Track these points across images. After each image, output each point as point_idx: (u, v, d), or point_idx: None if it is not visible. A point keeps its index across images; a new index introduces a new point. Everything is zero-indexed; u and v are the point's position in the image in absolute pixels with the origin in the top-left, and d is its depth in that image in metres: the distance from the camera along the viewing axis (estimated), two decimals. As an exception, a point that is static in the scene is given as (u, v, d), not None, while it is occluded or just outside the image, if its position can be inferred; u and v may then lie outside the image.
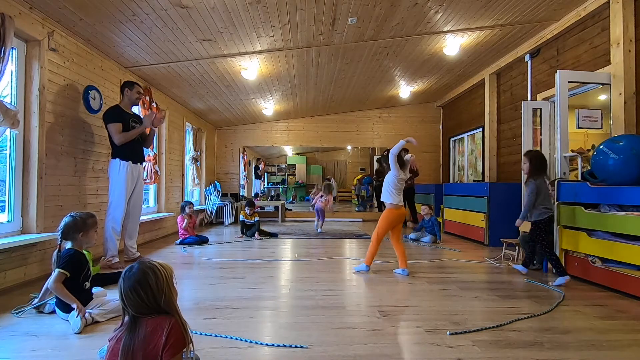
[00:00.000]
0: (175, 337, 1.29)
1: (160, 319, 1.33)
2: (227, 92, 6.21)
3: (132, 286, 1.32)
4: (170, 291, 1.37)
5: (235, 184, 9.02)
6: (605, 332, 2.10)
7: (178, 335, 1.30)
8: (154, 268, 1.37)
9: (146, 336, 1.29)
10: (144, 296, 1.32)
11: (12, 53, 3.00)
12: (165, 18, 3.55)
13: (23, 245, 2.97)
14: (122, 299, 1.33)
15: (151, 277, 1.35)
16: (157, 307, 1.33)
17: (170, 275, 1.40)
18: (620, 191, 2.91)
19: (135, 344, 1.28)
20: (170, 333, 1.29)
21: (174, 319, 1.33)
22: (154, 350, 1.27)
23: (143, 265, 1.37)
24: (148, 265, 1.37)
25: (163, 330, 1.29)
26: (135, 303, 1.32)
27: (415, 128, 8.97)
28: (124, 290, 1.33)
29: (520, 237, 3.98)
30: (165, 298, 1.35)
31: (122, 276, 1.35)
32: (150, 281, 1.34)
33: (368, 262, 3.53)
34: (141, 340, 1.28)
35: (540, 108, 4.84)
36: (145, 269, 1.36)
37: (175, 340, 1.29)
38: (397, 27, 4.38)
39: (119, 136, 3.59)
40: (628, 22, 3.54)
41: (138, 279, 1.33)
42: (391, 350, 1.85)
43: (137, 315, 1.32)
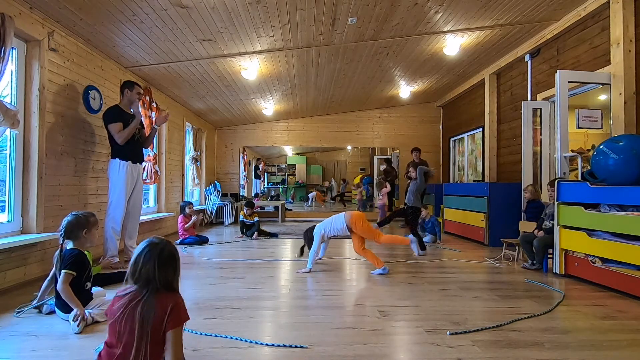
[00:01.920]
0: (179, 312, 1.39)
1: (170, 294, 1.42)
2: (227, 92, 6.21)
3: (166, 261, 1.42)
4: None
5: (235, 184, 9.02)
6: (605, 332, 2.10)
7: (183, 311, 1.41)
8: (174, 247, 1.50)
9: (159, 309, 1.36)
10: (171, 272, 1.43)
11: (12, 53, 3.00)
12: (165, 18, 3.55)
13: (23, 245, 2.97)
14: (152, 271, 1.39)
15: (178, 255, 1.49)
16: (172, 284, 1.44)
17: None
18: (620, 191, 2.91)
19: (152, 317, 1.35)
20: (175, 308, 1.38)
21: (179, 297, 1.44)
22: (161, 323, 1.36)
23: (169, 244, 1.47)
24: (172, 244, 1.49)
25: (169, 305, 1.38)
26: (164, 277, 1.40)
27: (415, 128, 8.97)
28: (159, 263, 1.40)
29: (520, 237, 3.98)
30: (179, 276, 1.49)
31: (153, 249, 1.42)
32: (178, 259, 1.48)
33: (380, 264, 3.51)
34: (157, 313, 1.36)
35: (540, 108, 4.84)
36: (173, 247, 1.48)
37: (178, 315, 1.39)
38: (397, 27, 4.38)
39: (119, 135, 3.58)
40: (628, 22, 3.54)
41: (172, 255, 1.45)
42: (391, 350, 1.85)
43: (158, 288, 1.40)
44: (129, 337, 1.34)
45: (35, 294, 2.55)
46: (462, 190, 6.04)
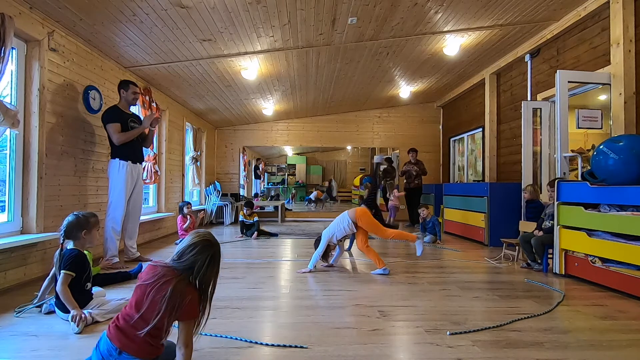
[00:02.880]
0: (193, 307, 1.45)
1: (194, 289, 1.48)
2: (227, 92, 6.21)
3: (214, 263, 1.50)
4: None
5: (235, 184, 9.02)
6: (605, 332, 2.10)
7: (195, 307, 1.47)
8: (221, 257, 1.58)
9: (180, 297, 1.43)
10: (213, 274, 1.51)
11: (12, 53, 3.00)
12: (165, 18, 3.55)
13: (23, 245, 2.97)
14: (200, 263, 1.46)
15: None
16: (206, 285, 1.51)
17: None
18: (620, 191, 2.91)
19: (175, 300, 1.41)
20: (191, 302, 1.44)
21: (197, 293, 1.48)
22: (174, 309, 1.42)
23: (219, 249, 1.55)
24: (220, 249, 1.56)
25: (189, 297, 1.44)
26: (203, 274, 1.47)
27: (415, 128, 8.97)
28: (209, 261, 1.48)
29: (520, 237, 3.98)
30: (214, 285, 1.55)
31: (211, 246, 1.50)
32: (218, 269, 1.55)
33: (381, 264, 3.51)
34: (179, 299, 1.42)
35: (540, 108, 4.84)
36: (220, 257, 1.56)
37: (191, 309, 1.45)
38: (397, 27, 4.38)
39: (118, 136, 3.58)
40: (628, 22, 3.54)
41: (218, 262, 1.53)
42: (391, 350, 1.86)
43: (191, 280, 1.47)
44: (148, 308, 1.41)
45: (35, 293, 2.55)
46: (462, 190, 6.04)
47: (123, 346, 1.42)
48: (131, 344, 1.42)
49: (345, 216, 3.62)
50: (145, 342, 1.43)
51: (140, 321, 1.42)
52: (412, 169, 7.44)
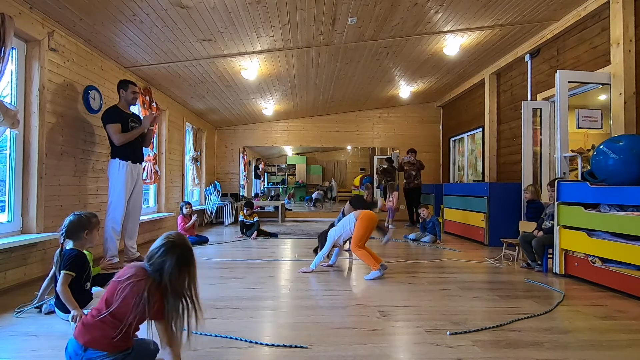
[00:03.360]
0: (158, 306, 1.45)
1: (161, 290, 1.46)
2: (227, 92, 6.21)
3: (187, 263, 1.50)
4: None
5: (235, 184, 9.02)
6: (605, 332, 2.10)
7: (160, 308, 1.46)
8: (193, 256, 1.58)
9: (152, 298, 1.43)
10: (182, 279, 1.48)
11: (12, 53, 3.00)
12: (165, 18, 3.55)
13: (23, 245, 2.97)
14: (169, 266, 1.45)
15: (195, 265, 1.57)
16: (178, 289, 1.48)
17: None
18: (620, 191, 2.91)
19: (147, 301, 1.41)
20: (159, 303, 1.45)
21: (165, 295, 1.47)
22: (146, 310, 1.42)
23: (190, 250, 1.56)
24: (192, 251, 1.57)
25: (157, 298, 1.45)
26: (171, 278, 1.45)
27: (415, 128, 8.97)
28: (177, 263, 1.46)
29: (520, 237, 3.98)
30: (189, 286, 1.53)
31: (172, 250, 1.48)
32: (194, 267, 1.55)
33: (375, 266, 3.36)
34: (151, 303, 1.42)
35: (540, 108, 4.84)
36: (192, 255, 1.56)
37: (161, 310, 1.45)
38: (397, 27, 4.38)
39: (118, 136, 3.58)
40: (628, 22, 3.54)
41: (188, 263, 1.52)
42: (391, 350, 1.86)
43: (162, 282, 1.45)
44: (119, 306, 1.41)
45: (35, 293, 2.55)
46: (462, 190, 6.04)
47: (87, 342, 1.42)
48: (96, 339, 1.42)
49: (352, 217, 3.55)
50: (110, 336, 1.42)
51: (109, 317, 1.42)
52: (411, 169, 7.45)
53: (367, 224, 3.47)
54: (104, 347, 1.42)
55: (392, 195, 7.45)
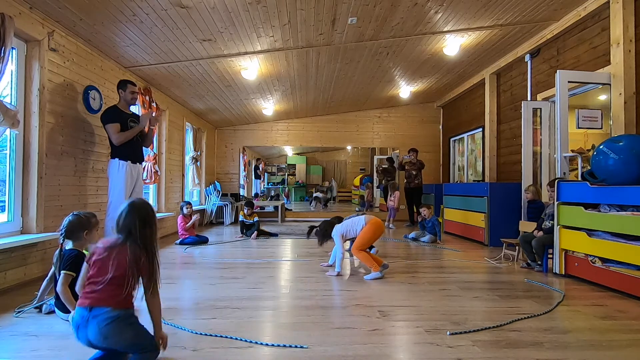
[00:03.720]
0: (148, 265, 1.63)
1: (141, 249, 1.62)
2: (227, 92, 6.21)
3: (144, 219, 1.65)
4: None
5: (235, 184, 9.02)
6: (605, 332, 2.10)
7: (152, 265, 1.64)
8: (152, 208, 1.75)
9: (135, 258, 1.59)
10: (150, 232, 1.65)
11: (12, 53, 3.00)
12: (165, 18, 3.55)
13: (23, 245, 2.97)
14: (133, 225, 1.61)
15: (156, 219, 1.73)
16: (150, 242, 1.66)
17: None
18: (620, 191, 2.91)
19: (135, 261, 1.58)
20: (145, 260, 1.62)
21: (145, 252, 1.63)
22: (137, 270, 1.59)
23: (148, 205, 1.74)
24: (150, 205, 1.75)
25: (142, 258, 1.61)
26: (142, 233, 1.62)
27: (415, 128, 8.97)
28: (140, 217, 1.63)
29: (520, 237, 3.98)
30: (156, 236, 1.71)
31: (132, 209, 1.64)
32: (155, 218, 1.72)
33: (376, 268, 3.35)
34: (139, 261, 1.60)
35: (540, 108, 4.84)
36: (151, 208, 1.73)
37: (146, 266, 1.62)
38: (397, 27, 4.38)
39: (117, 136, 3.58)
40: (628, 22, 3.54)
41: (150, 214, 1.68)
42: (391, 350, 1.86)
43: (137, 243, 1.61)
44: (117, 270, 1.55)
45: (35, 293, 2.55)
46: (462, 190, 6.04)
47: (92, 302, 1.53)
48: (100, 299, 1.53)
49: (362, 220, 3.48)
50: (115, 295, 1.54)
51: (111, 282, 1.54)
52: (412, 168, 7.45)
53: (375, 230, 3.45)
54: (108, 304, 1.53)
55: (393, 194, 7.45)
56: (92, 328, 1.50)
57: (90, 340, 1.52)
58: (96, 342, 1.52)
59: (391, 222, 7.42)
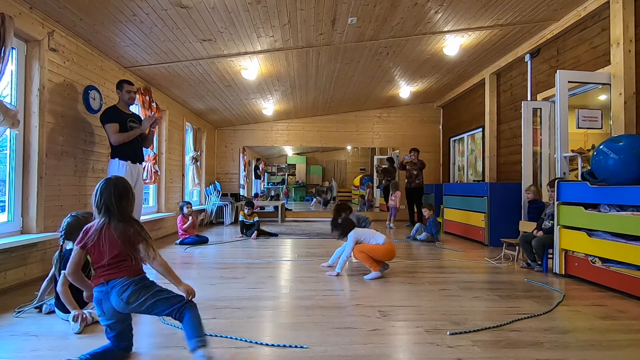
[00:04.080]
0: (139, 233, 1.73)
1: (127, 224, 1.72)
2: (227, 92, 6.21)
3: (122, 196, 1.73)
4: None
5: (235, 184, 9.02)
6: (605, 332, 2.10)
7: (143, 232, 1.74)
8: (126, 181, 1.84)
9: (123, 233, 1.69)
10: (126, 204, 1.74)
11: (12, 53, 3.00)
12: (165, 18, 3.55)
13: (23, 245, 2.97)
14: (110, 202, 1.69)
15: (131, 191, 1.82)
16: (127, 213, 1.76)
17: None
18: (620, 191, 2.91)
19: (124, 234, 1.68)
20: (134, 231, 1.72)
21: (135, 223, 1.75)
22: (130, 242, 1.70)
23: (122, 179, 1.81)
24: (124, 179, 1.83)
25: (130, 231, 1.71)
26: (120, 208, 1.71)
27: (415, 128, 8.97)
28: (114, 196, 1.70)
29: (520, 237, 3.98)
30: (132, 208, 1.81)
31: (107, 185, 1.72)
32: (132, 194, 1.81)
33: (376, 268, 3.35)
34: (122, 233, 1.69)
35: (540, 108, 4.84)
36: (125, 181, 1.81)
37: (138, 235, 1.72)
38: (397, 27, 4.38)
39: (116, 136, 3.57)
40: (628, 22, 3.54)
41: (125, 188, 1.76)
42: (391, 350, 1.86)
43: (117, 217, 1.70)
44: (113, 249, 1.66)
45: (35, 293, 2.55)
46: (462, 190, 6.04)
47: (107, 278, 1.65)
48: (112, 273, 1.66)
49: (380, 239, 3.40)
50: (123, 267, 1.67)
51: (114, 261, 1.67)
52: (413, 168, 7.44)
53: (387, 253, 3.39)
54: (122, 275, 1.66)
55: (394, 194, 7.45)
56: (113, 297, 1.63)
57: (115, 308, 1.64)
58: (120, 308, 1.64)
59: (392, 222, 7.42)
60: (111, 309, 1.66)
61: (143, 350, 1.83)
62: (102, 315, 1.68)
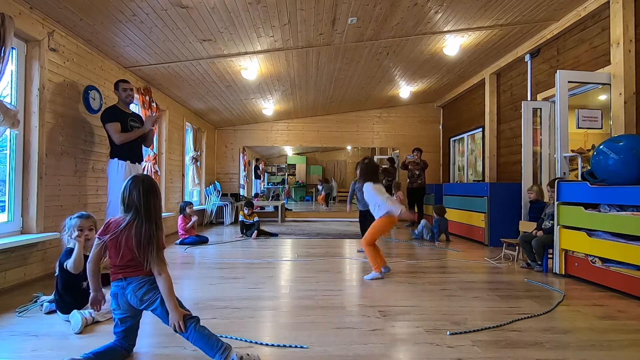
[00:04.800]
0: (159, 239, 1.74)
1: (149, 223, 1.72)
2: (227, 92, 6.21)
3: (151, 193, 1.73)
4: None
5: (235, 184, 9.02)
6: (605, 332, 2.10)
7: (161, 240, 1.76)
8: (154, 180, 1.82)
9: (145, 234, 1.70)
10: (154, 202, 1.73)
11: (12, 53, 3.00)
12: (165, 18, 3.55)
13: (23, 245, 2.97)
14: (139, 201, 1.70)
15: (159, 191, 1.82)
16: (155, 213, 1.75)
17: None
18: (620, 191, 2.91)
19: (144, 236, 1.69)
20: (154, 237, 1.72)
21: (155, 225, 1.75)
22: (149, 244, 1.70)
23: (151, 178, 1.80)
24: (152, 179, 1.82)
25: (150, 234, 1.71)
26: (148, 207, 1.71)
27: (415, 128, 8.97)
28: (144, 194, 1.70)
29: (520, 237, 3.98)
30: (161, 209, 1.81)
31: (136, 183, 1.72)
32: (159, 193, 1.80)
33: (377, 268, 3.34)
34: (145, 235, 1.69)
35: (540, 108, 4.84)
36: (153, 180, 1.81)
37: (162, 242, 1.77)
38: (397, 27, 4.38)
39: (118, 135, 3.57)
40: (628, 22, 3.54)
41: (155, 189, 1.76)
42: (391, 350, 1.85)
43: (143, 217, 1.70)
44: (131, 254, 1.69)
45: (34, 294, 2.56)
46: (462, 190, 6.04)
47: (125, 275, 1.72)
48: (130, 272, 1.72)
49: (395, 208, 3.34)
50: (140, 267, 1.72)
51: (131, 262, 1.71)
52: (415, 168, 7.42)
53: (387, 225, 3.44)
54: (139, 274, 1.72)
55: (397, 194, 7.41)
56: (129, 293, 1.70)
57: (130, 302, 1.71)
58: (135, 304, 1.71)
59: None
60: (126, 303, 1.72)
61: (143, 350, 1.83)
62: (117, 308, 1.74)
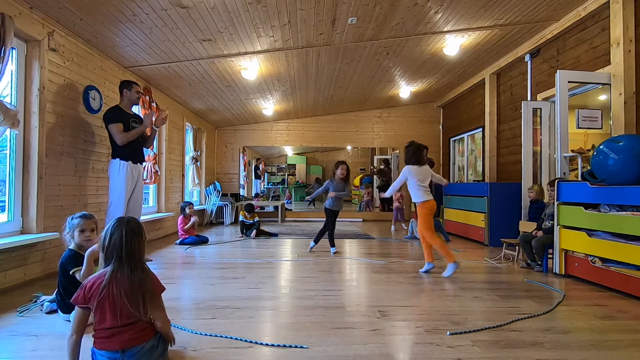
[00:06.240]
0: (154, 284, 1.61)
1: (140, 272, 1.57)
2: (227, 92, 6.21)
3: (135, 235, 1.56)
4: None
5: (235, 184, 9.02)
6: (605, 332, 2.10)
7: (156, 281, 1.63)
8: (139, 224, 1.64)
9: (133, 283, 1.52)
10: (138, 245, 1.56)
11: (12, 53, 3.00)
12: (165, 18, 3.55)
13: (23, 245, 2.97)
14: (121, 244, 1.52)
15: (144, 232, 1.64)
16: (138, 259, 1.58)
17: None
18: (620, 191, 2.91)
19: (130, 287, 1.51)
20: (147, 281, 1.58)
21: (149, 272, 1.62)
22: (140, 293, 1.53)
23: (136, 222, 1.62)
24: (136, 221, 1.63)
25: (142, 279, 1.55)
26: (131, 250, 1.53)
27: (415, 128, 8.97)
28: (126, 237, 1.53)
29: (520, 237, 3.98)
30: (143, 252, 1.62)
31: (119, 224, 1.56)
32: (144, 235, 1.63)
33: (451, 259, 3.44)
34: (139, 282, 1.53)
35: (540, 108, 4.84)
36: (140, 225, 1.63)
37: (153, 286, 1.60)
38: (397, 27, 4.38)
39: (120, 136, 3.58)
40: (628, 22, 3.54)
41: (140, 230, 1.60)
42: (391, 350, 1.85)
43: (126, 265, 1.53)
44: (124, 318, 1.49)
45: (34, 294, 2.56)
46: (462, 190, 6.04)
47: (122, 346, 1.48)
48: (127, 340, 1.49)
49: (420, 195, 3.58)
50: (136, 331, 1.52)
51: (125, 325, 1.50)
52: None
53: (431, 210, 3.59)
54: (139, 341, 1.51)
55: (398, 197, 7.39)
56: None
57: None
58: None
59: (394, 224, 7.34)
60: None
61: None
62: None
